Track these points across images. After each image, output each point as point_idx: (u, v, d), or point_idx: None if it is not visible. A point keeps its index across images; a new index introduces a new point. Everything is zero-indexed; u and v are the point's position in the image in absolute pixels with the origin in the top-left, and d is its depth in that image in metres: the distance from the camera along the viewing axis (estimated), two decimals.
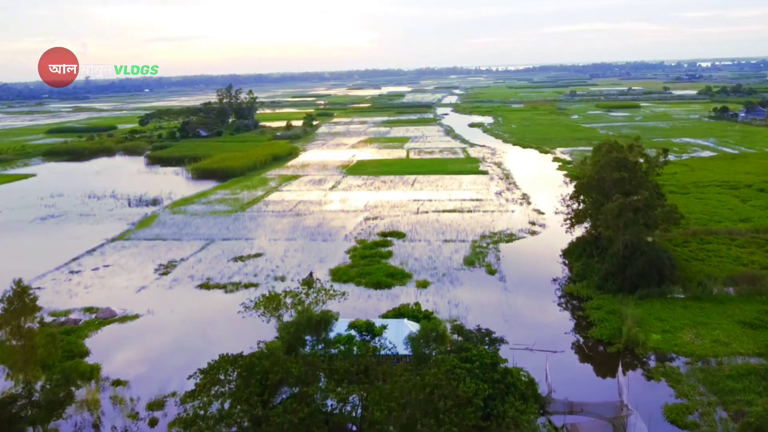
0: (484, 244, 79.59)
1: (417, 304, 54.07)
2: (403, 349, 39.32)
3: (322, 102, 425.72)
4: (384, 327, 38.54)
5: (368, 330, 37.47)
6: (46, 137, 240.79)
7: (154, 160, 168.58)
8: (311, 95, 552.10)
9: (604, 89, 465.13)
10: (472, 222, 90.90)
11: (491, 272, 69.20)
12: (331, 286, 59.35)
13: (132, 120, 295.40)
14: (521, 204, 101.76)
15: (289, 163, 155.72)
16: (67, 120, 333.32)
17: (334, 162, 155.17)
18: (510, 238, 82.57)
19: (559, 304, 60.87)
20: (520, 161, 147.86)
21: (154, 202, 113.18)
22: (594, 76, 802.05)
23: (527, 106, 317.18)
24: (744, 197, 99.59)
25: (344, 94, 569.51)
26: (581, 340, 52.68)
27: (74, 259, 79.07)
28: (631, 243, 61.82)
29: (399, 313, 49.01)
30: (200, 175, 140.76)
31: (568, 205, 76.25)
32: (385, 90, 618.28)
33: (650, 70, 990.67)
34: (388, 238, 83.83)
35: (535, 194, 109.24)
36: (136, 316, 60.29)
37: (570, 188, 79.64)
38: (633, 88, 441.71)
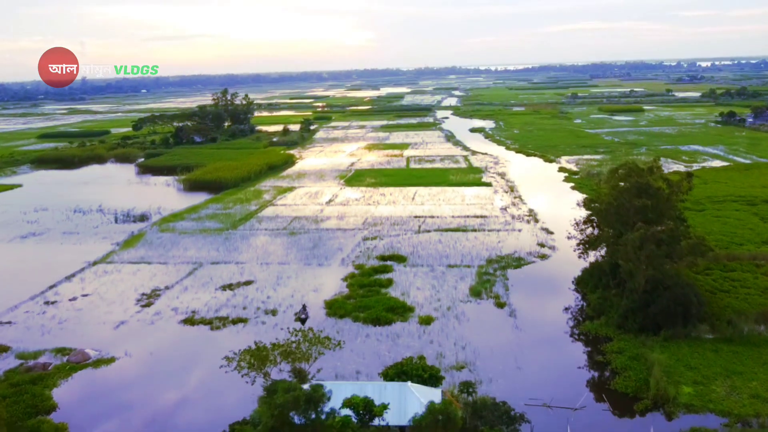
0: (491, 270, 74.22)
1: (421, 358, 48.59)
2: (406, 421, 34.08)
3: (320, 104, 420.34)
4: (385, 406, 33.15)
5: (366, 409, 32.22)
6: (37, 142, 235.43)
7: (146, 169, 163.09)
8: (309, 96, 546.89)
9: (606, 91, 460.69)
10: (477, 243, 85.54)
11: (500, 305, 63.84)
12: (323, 332, 53.76)
13: (126, 123, 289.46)
14: (528, 222, 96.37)
15: (285, 173, 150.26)
16: (60, 123, 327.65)
17: (332, 171, 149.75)
18: (518, 263, 77.21)
19: (577, 346, 55.47)
20: (525, 171, 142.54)
21: (142, 218, 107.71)
22: (594, 76, 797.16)
23: (528, 110, 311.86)
24: (763, 215, 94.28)
25: (343, 95, 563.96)
26: (604, 393, 47.23)
27: (51, 287, 73.61)
28: (653, 277, 56.52)
29: (402, 371, 43.62)
30: (192, 186, 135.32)
31: (582, 230, 70.86)
32: (384, 91, 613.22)
33: (650, 70, 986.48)
34: (388, 263, 78.39)
35: (543, 210, 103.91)
36: (112, 360, 54.83)
37: (583, 211, 74.37)
38: (635, 90, 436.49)
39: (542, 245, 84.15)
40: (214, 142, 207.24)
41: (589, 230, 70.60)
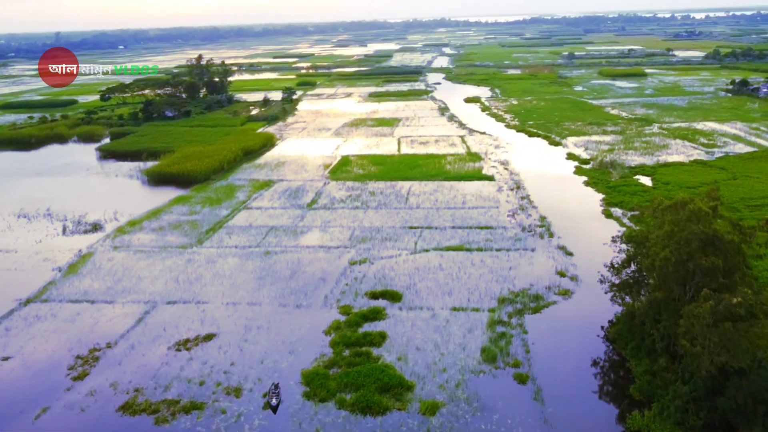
0: (505, 317, 61.28)
1: None
2: None
3: (304, 65, 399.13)
4: None
5: None
6: None
7: (108, 154, 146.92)
8: (293, 54, 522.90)
9: (602, 49, 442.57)
10: (485, 270, 72.28)
11: (521, 380, 51.06)
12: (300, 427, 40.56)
13: (98, 88, 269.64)
14: (542, 236, 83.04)
15: (263, 160, 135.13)
16: (26, 89, 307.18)
17: (315, 158, 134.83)
18: (537, 303, 64.22)
19: None
20: (529, 159, 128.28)
21: (95, 227, 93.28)
22: (588, 31, 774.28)
23: (525, 73, 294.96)
24: None
25: (329, 53, 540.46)
26: None
27: None
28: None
29: None
30: (157, 179, 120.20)
31: (618, 271, 57.86)
32: (372, 48, 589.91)
33: (645, 23, 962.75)
34: (380, 303, 65.19)
35: (556, 217, 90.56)
36: None
37: (612, 241, 61.20)
38: (633, 48, 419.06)
39: (562, 274, 71.04)
40: (188, 117, 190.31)
41: (626, 270, 57.90)
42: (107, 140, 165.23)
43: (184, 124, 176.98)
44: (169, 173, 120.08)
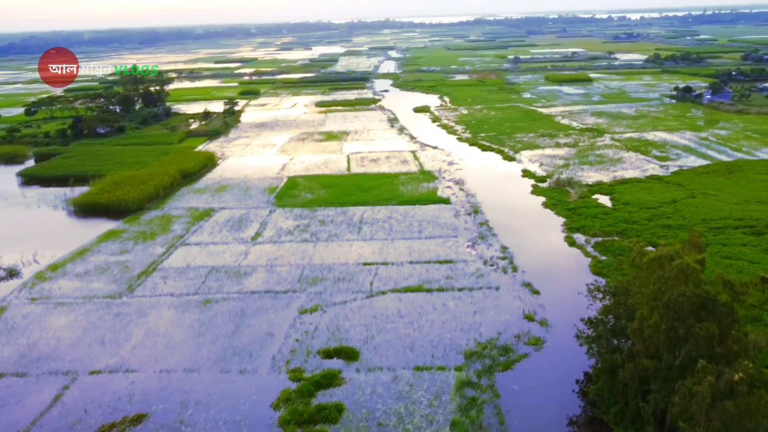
0: (474, 377, 55.54)
1: None
2: None
3: (247, 71, 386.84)
4: None
5: None
6: None
7: (31, 179, 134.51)
8: (235, 59, 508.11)
9: (547, 52, 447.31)
10: (448, 317, 66.45)
11: None
12: None
13: (25, 99, 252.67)
14: (505, 271, 77.89)
15: (203, 182, 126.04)
16: None
17: (259, 180, 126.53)
18: (507, 356, 58.75)
19: None
20: (484, 177, 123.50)
21: (11, 273, 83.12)
22: (530, 32, 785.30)
23: (473, 80, 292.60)
24: None
25: (272, 57, 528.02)
26: None
27: None
28: None
29: None
30: (85, 210, 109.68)
31: (595, 326, 53.00)
32: (317, 51, 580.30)
33: (584, 24, 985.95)
34: (335, 363, 58.44)
35: (518, 246, 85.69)
36: None
37: (595, 293, 56.47)
38: (576, 51, 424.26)
39: (530, 318, 65.93)
40: (122, 133, 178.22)
41: (605, 321, 53.14)
42: (31, 162, 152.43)
43: (117, 143, 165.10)
44: (98, 203, 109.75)
